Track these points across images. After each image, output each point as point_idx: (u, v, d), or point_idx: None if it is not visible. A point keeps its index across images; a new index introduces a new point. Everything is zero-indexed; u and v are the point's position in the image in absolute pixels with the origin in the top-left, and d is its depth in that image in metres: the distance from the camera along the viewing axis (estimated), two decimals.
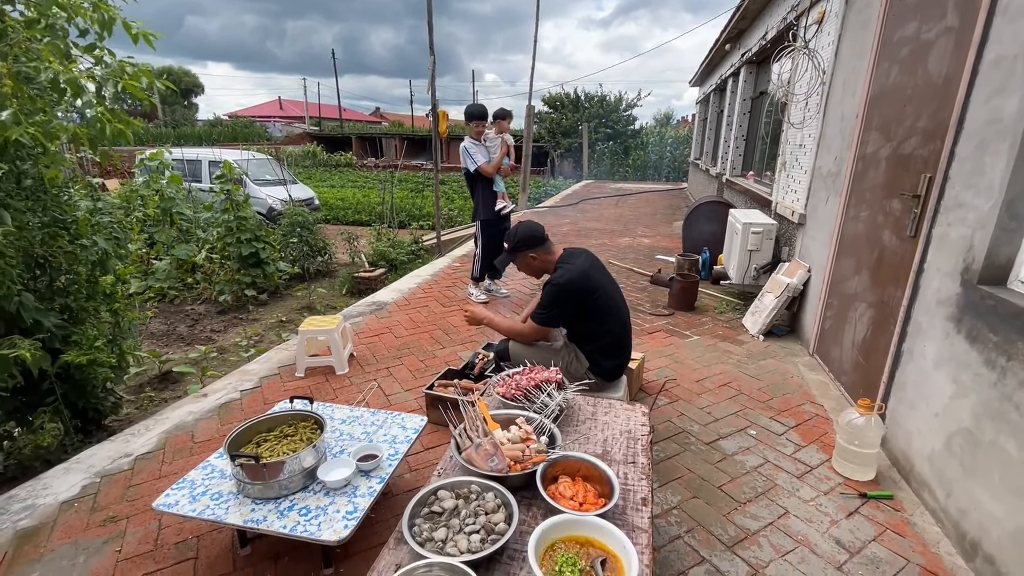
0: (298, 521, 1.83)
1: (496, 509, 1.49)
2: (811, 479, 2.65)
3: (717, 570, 2.10)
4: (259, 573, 2.03)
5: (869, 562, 2.13)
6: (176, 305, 6.64)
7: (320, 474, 1.98)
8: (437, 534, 1.40)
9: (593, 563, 1.32)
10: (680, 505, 2.46)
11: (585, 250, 2.83)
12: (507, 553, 1.41)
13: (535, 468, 1.62)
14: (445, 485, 1.58)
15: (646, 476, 1.74)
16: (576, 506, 1.52)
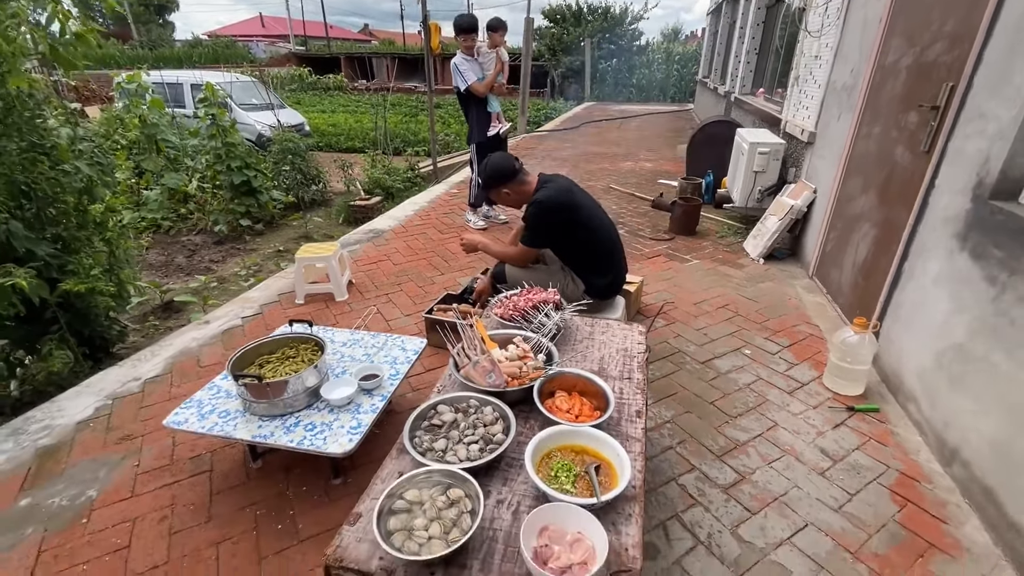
0: (304, 436, 1.90)
1: (494, 421, 1.53)
2: (801, 395, 2.73)
3: (706, 476, 2.21)
4: (271, 484, 2.14)
5: (851, 468, 2.24)
6: (172, 236, 6.58)
7: (323, 393, 2.04)
8: (437, 444, 1.44)
9: (588, 469, 1.38)
10: (673, 419, 2.56)
11: (564, 175, 2.76)
12: (505, 461, 1.47)
13: (532, 383, 1.65)
14: (444, 400, 1.62)
15: (641, 391, 1.78)
16: (572, 419, 1.56)
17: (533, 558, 1.15)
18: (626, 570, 1.16)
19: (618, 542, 1.23)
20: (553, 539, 1.19)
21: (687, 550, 1.88)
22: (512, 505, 1.33)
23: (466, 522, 1.21)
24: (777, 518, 2.00)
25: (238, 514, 2.01)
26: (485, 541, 1.23)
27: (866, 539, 1.91)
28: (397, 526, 1.20)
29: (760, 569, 1.80)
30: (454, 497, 1.27)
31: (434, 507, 1.24)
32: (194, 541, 1.90)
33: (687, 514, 2.03)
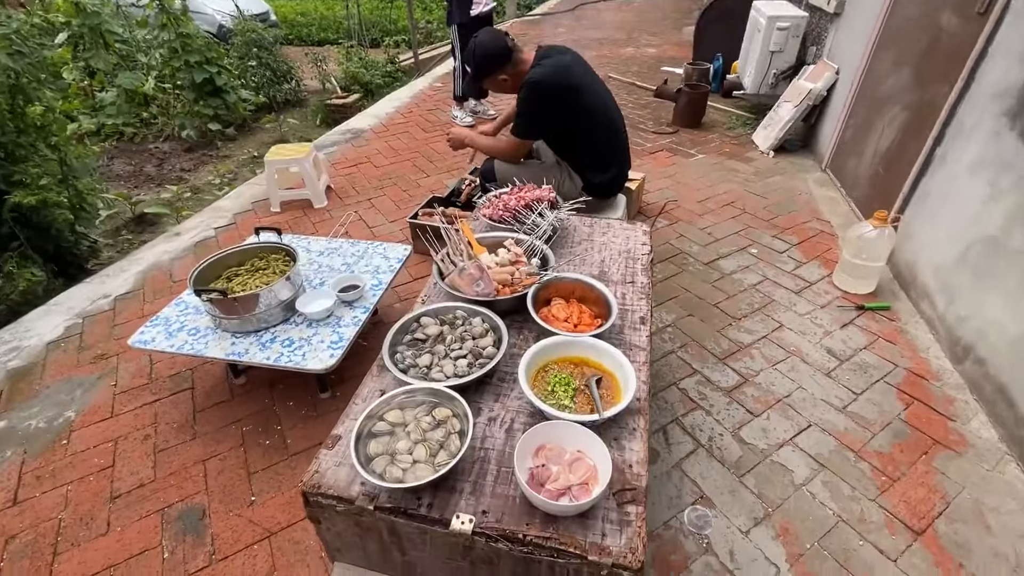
0: (281, 353, 1.77)
1: (484, 334, 1.38)
2: (809, 294, 2.60)
3: (708, 380, 2.13)
4: (256, 400, 2.06)
5: (858, 368, 2.16)
6: (138, 144, 6.09)
7: (299, 306, 1.87)
8: (421, 360, 1.30)
9: (588, 382, 1.25)
10: (675, 323, 2.44)
11: (566, 47, 2.33)
12: (496, 376, 1.34)
13: (526, 291, 1.48)
14: (428, 312, 1.46)
15: (645, 295, 1.62)
16: (571, 328, 1.41)
17: (529, 480, 1.05)
18: (630, 488, 1.07)
19: (621, 459, 1.13)
20: (550, 459, 1.09)
21: (687, 453, 1.83)
22: (505, 423, 1.21)
23: (454, 444, 1.10)
24: (780, 419, 1.95)
25: (223, 431, 1.94)
26: (476, 462, 1.12)
27: (870, 438, 1.87)
28: (378, 450, 1.09)
29: (761, 469, 1.77)
30: (440, 417, 1.15)
31: (418, 429, 1.12)
32: (180, 459, 1.85)
33: (687, 418, 1.97)
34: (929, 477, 1.73)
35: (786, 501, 1.67)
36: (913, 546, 1.54)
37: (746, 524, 1.61)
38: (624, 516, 1.02)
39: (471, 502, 1.05)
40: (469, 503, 1.04)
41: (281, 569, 1.52)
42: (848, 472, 1.75)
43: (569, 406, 1.20)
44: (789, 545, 1.55)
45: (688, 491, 1.71)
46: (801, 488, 1.71)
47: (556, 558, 0.97)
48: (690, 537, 1.58)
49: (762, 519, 1.62)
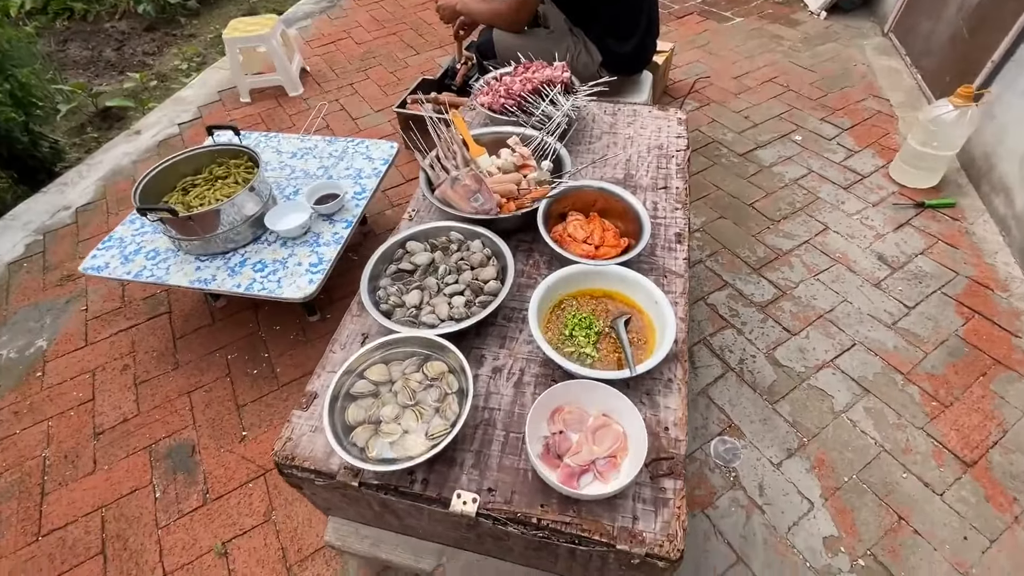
0: (253, 278, 1.53)
1: (484, 262, 1.12)
2: (860, 190, 2.26)
3: (740, 294, 1.90)
4: (240, 325, 1.88)
5: (912, 277, 1.91)
6: (92, 24, 5.34)
7: (269, 222, 1.60)
8: (409, 298, 1.06)
9: (615, 324, 1.01)
10: (704, 227, 2.15)
11: None
12: (502, 314, 1.10)
13: (535, 205, 1.19)
14: (416, 234, 1.18)
15: (682, 204, 1.33)
16: (591, 251, 1.14)
17: (543, 454, 0.86)
18: (667, 457, 0.88)
19: (655, 419, 0.93)
20: (570, 425, 0.89)
21: (715, 378, 1.66)
22: (513, 374, 1.00)
23: (451, 408, 0.90)
24: (820, 338, 1.75)
25: (207, 359, 1.78)
26: (479, 426, 0.93)
27: (921, 358, 1.67)
28: (359, 417, 0.89)
29: (797, 395, 1.60)
30: (433, 374, 0.94)
31: (407, 389, 0.91)
32: (163, 391, 1.71)
33: (716, 338, 1.77)
34: (985, 402, 1.56)
35: (823, 430, 1.52)
36: (963, 479, 1.41)
37: (778, 456, 1.48)
38: (660, 493, 0.84)
39: (474, 477, 0.87)
40: (472, 478, 0.87)
41: (279, 508, 1.43)
42: (894, 397, 1.58)
43: (592, 355, 0.98)
44: (825, 478, 1.43)
45: (715, 420, 1.56)
46: (841, 416, 1.55)
47: (577, 544, 0.81)
48: (716, 471, 1.45)
49: (796, 450, 1.49)
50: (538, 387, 0.97)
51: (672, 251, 1.21)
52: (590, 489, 0.83)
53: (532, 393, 0.97)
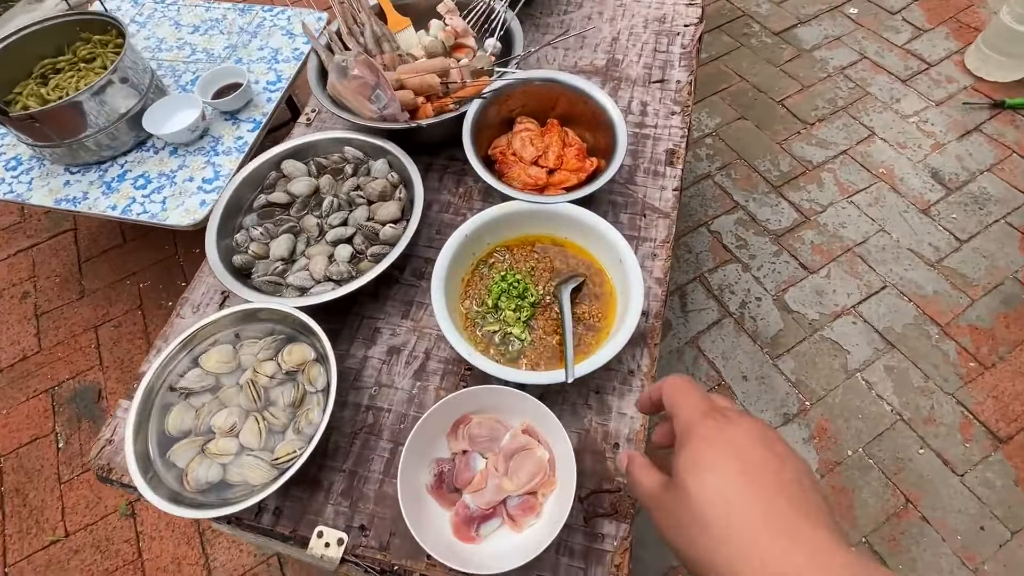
0: (133, 198, 1.22)
1: (387, 194, 0.80)
2: (923, 83, 1.79)
3: (752, 218, 1.56)
4: (155, 245, 1.60)
5: (971, 201, 1.54)
6: None
7: (148, 123, 1.24)
8: (275, 247, 0.76)
9: (558, 292, 0.72)
10: (717, 130, 1.74)
11: None
12: (410, 268, 0.80)
13: (468, 106, 0.83)
14: (299, 149, 0.85)
15: (681, 107, 0.95)
16: (542, 179, 0.81)
17: (434, 485, 0.61)
18: (611, 489, 0.63)
19: (601, 429, 0.67)
20: (478, 442, 0.63)
21: (708, 324, 1.39)
22: (416, 358, 0.73)
23: (313, 415, 0.64)
24: (844, 278, 1.43)
25: (117, 288, 1.53)
26: (359, 433, 0.68)
27: (966, 306, 1.37)
28: (184, 424, 0.64)
29: (806, 349, 1.34)
30: (291, 364, 0.66)
31: (252, 387, 0.65)
32: (67, 324, 1.49)
33: (716, 274, 1.47)
34: None
35: (831, 393, 1.28)
36: (991, 457, 1.18)
37: (773, 421, 1.25)
38: (595, 542, 0.61)
39: (344, 508, 0.63)
40: (341, 510, 0.63)
41: None
42: (924, 354, 1.31)
43: (521, 338, 0.70)
44: (824, 451, 1.21)
45: (703, 376, 1.31)
46: (855, 376, 1.29)
47: None
48: None
49: (795, 416, 1.25)
50: (447, 379, 0.71)
51: (659, 177, 0.87)
52: (492, 543, 0.59)
53: (438, 388, 0.70)
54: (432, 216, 0.85)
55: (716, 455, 0.27)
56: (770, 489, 0.25)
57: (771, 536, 0.24)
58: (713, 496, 0.26)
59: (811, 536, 0.24)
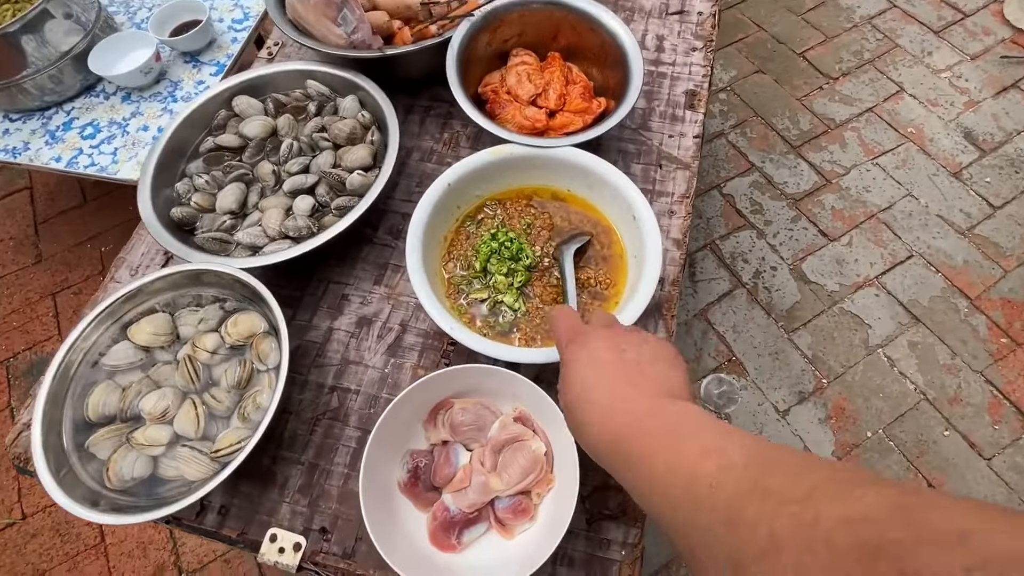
0: (80, 148, 1.08)
1: (358, 134, 0.67)
2: (957, 35, 1.64)
3: (769, 181, 1.44)
4: (118, 206, 1.47)
5: (1007, 164, 1.41)
6: None
7: (95, 64, 1.10)
8: (224, 199, 0.63)
9: (559, 253, 0.60)
10: (732, 85, 1.60)
11: None
12: (385, 224, 0.68)
13: (453, 31, 0.69)
14: (253, 84, 0.71)
15: (704, 41, 0.82)
16: (540, 121, 0.68)
17: (408, 482, 0.51)
18: (620, 488, 0.53)
19: None
20: (461, 431, 0.52)
21: (719, 295, 1.28)
22: (390, 330, 0.62)
23: (261, 399, 0.53)
24: (867, 246, 1.32)
25: (77, 252, 1.41)
26: (321, 419, 0.57)
27: (998, 278, 1.26)
28: (107, 408, 0.53)
29: (823, 323, 1.24)
30: (237, 337, 0.55)
31: (190, 367, 0.54)
32: (23, 291, 1.37)
33: (728, 242, 1.35)
34: None
35: (850, 370, 1.18)
36: (1022, 440, 1.09)
37: (787, 400, 1.16)
38: (599, 550, 0.51)
39: (302, 508, 0.54)
40: (299, 509, 0.53)
41: None
42: (952, 329, 1.21)
43: (515, 308, 0.59)
44: (842, 432, 1.12)
45: (712, 352, 1.22)
46: (876, 352, 1.20)
47: None
48: None
49: (810, 394, 1.16)
50: (426, 356, 0.60)
51: (677, 122, 0.74)
52: (477, 552, 0.49)
53: (415, 366, 0.59)
54: (412, 165, 0.72)
55: (575, 371, 0.35)
56: (612, 378, 0.33)
57: (606, 407, 0.32)
58: (575, 402, 0.34)
59: (637, 398, 0.32)
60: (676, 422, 0.29)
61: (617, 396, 0.32)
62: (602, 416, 0.32)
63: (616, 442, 0.30)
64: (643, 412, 0.30)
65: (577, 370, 0.35)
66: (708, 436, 0.27)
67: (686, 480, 0.25)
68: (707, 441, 0.26)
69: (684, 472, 0.25)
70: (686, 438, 0.27)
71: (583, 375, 0.34)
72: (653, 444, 0.28)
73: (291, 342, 0.59)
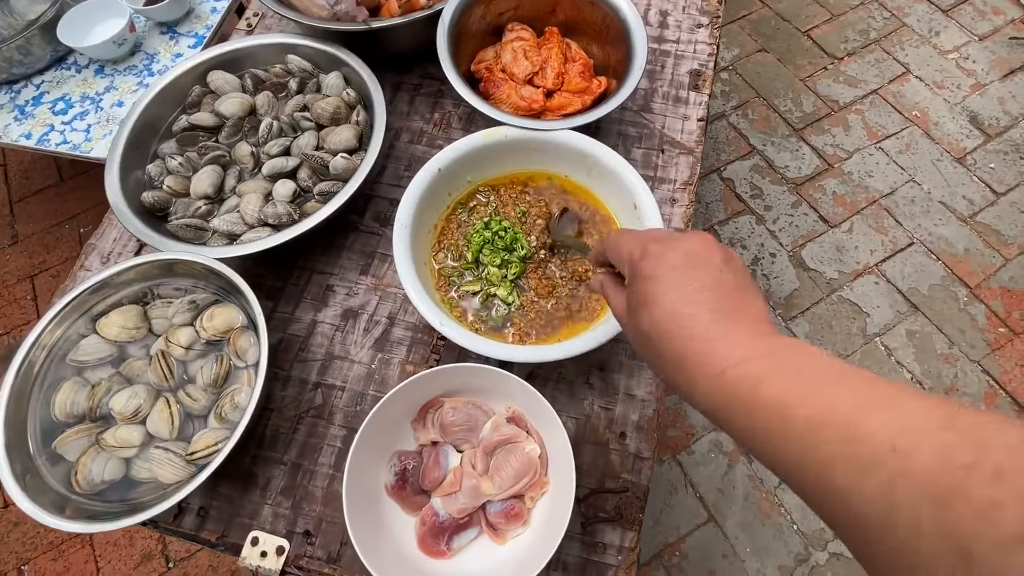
0: (51, 124, 1.03)
1: (342, 114, 0.63)
2: (966, 14, 1.60)
3: (770, 165, 1.40)
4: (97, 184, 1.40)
5: (1012, 150, 1.39)
6: None
7: (64, 34, 1.03)
8: (199, 183, 0.59)
9: (557, 233, 0.57)
10: (735, 64, 1.55)
11: None
12: (371, 211, 0.65)
13: (444, 3, 0.65)
14: (230, 58, 0.67)
15: (710, 18, 0.78)
16: (537, 101, 0.64)
17: (396, 485, 0.49)
18: (615, 489, 0.51)
19: (605, 415, 0.54)
20: (451, 431, 0.50)
21: None
22: (377, 323, 0.59)
23: (240, 397, 0.50)
24: (867, 233, 1.30)
25: (54, 232, 1.36)
26: (304, 417, 0.55)
27: (999, 266, 1.25)
28: (75, 408, 0.50)
29: (821, 311, 1.22)
30: (214, 332, 0.52)
31: (163, 363, 0.51)
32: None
33: (727, 227, 1.32)
34: None
35: (848, 358, 1.17)
36: None
37: None
38: (595, 554, 0.49)
39: (284, 510, 0.51)
40: (281, 511, 0.51)
41: None
42: (951, 318, 1.20)
43: (508, 302, 0.56)
44: None
45: None
46: (874, 340, 1.18)
47: None
48: None
49: None
50: (415, 351, 0.57)
51: (681, 104, 0.71)
52: (467, 559, 0.47)
53: (404, 362, 0.57)
54: (400, 148, 0.68)
55: (658, 288, 0.29)
56: (709, 308, 0.27)
57: (711, 337, 0.26)
58: (658, 327, 0.28)
59: (745, 329, 0.26)
60: (802, 362, 0.24)
61: (722, 325, 0.27)
62: (704, 347, 0.26)
63: (724, 381, 0.25)
64: (760, 349, 0.25)
65: (664, 290, 0.28)
66: (858, 384, 0.21)
67: (842, 438, 0.20)
68: (861, 392, 0.21)
69: (837, 428, 0.20)
70: (828, 385, 0.22)
71: (673, 296, 0.28)
72: (780, 390, 0.23)
73: (273, 335, 0.56)
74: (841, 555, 1.00)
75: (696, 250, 0.29)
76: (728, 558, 1.00)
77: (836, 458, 0.20)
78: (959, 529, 0.15)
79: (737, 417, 0.24)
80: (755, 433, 0.24)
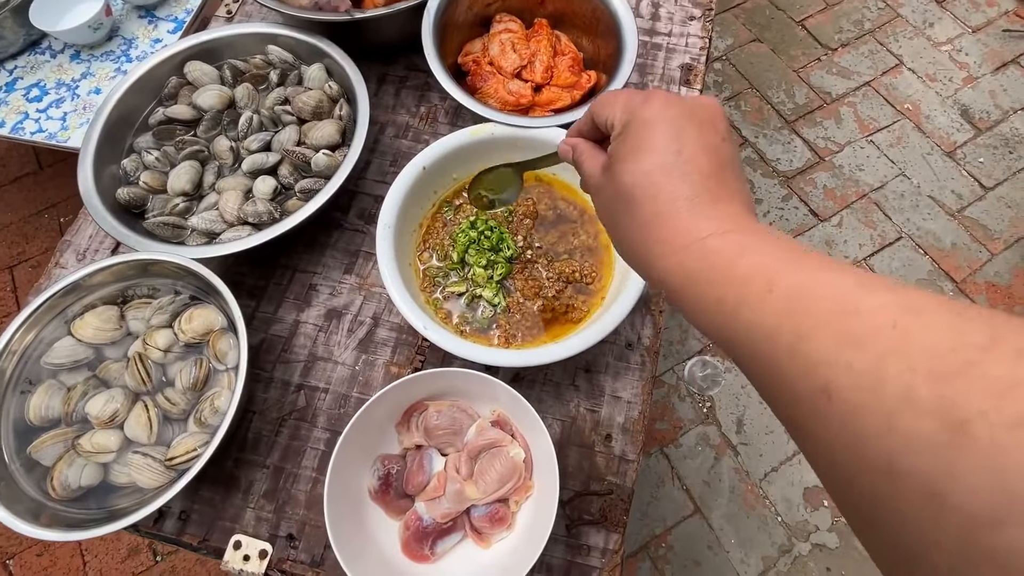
0: (25, 112, 0.99)
1: (325, 108, 0.61)
2: (960, 5, 1.59)
3: (761, 157, 1.40)
4: None
5: (1002, 144, 1.39)
6: None
7: (37, 17, 0.99)
8: (176, 179, 0.58)
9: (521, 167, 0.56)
10: (728, 54, 1.54)
11: None
12: (356, 210, 0.63)
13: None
14: (208, 48, 0.65)
15: (702, 11, 0.76)
16: (525, 96, 0.63)
17: (379, 490, 0.48)
18: (601, 492, 0.51)
19: (591, 416, 0.54)
20: (436, 435, 0.50)
21: None
22: (361, 324, 0.58)
23: (220, 401, 0.49)
24: (856, 227, 1.30)
25: (33, 222, 1.33)
26: (286, 419, 0.54)
27: (985, 260, 1.26)
28: (49, 412, 0.49)
29: None
30: (193, 334, 0.51)
31: (140, 366, 0.50)
32: None
33: None
34: None
35: None
36: None
37: None
38: (579, 556, 0.49)
39: (267, 513, 0.51)
40: (264, 515, 0.51)
41: None
42: None
43: (494, 303, 0.55)
44: None
45: (696, 334, 1.20)
46: None
47: None
48: (688, 399, 1.14)
49: None
50: (400, 352, 0.56)
51: None
52: (451, 563, 0.47)
53: (388, 363, 0.56)
54: (385, 143, 0.67)
55: (655, 134, 0.26)
56: (702, 172, 0.25)
57: (691, 218, 0.24)
58: (643, 179, 0.26)
59: (731, 204, 0.24)
60: (796, 245, 0.21)
61: (712, 194, 0.24)
62: (689, 209, 0.24)
63: (703, 247, 0.23)
64: (749, 226, 0.23)
65: (662, 139, 0.25)
66: (860, 272, 0.19)
67: (836, 310, 0.18)
68: (864, 276, 0.19)
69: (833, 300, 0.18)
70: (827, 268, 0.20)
71: (671, 147, 0.25)
72: (768, 259, 0.21)
73: (254, 336, 0.56)
74: (823, 546, 1.01)
75: (705, 107, 0.27)
76: (713, 549, 1.02)
77: (821, 328, 0.18)
78: (960, 405, 0.14)
79: (707, 286, 0.22)
80: (721, 303, 0.21)
